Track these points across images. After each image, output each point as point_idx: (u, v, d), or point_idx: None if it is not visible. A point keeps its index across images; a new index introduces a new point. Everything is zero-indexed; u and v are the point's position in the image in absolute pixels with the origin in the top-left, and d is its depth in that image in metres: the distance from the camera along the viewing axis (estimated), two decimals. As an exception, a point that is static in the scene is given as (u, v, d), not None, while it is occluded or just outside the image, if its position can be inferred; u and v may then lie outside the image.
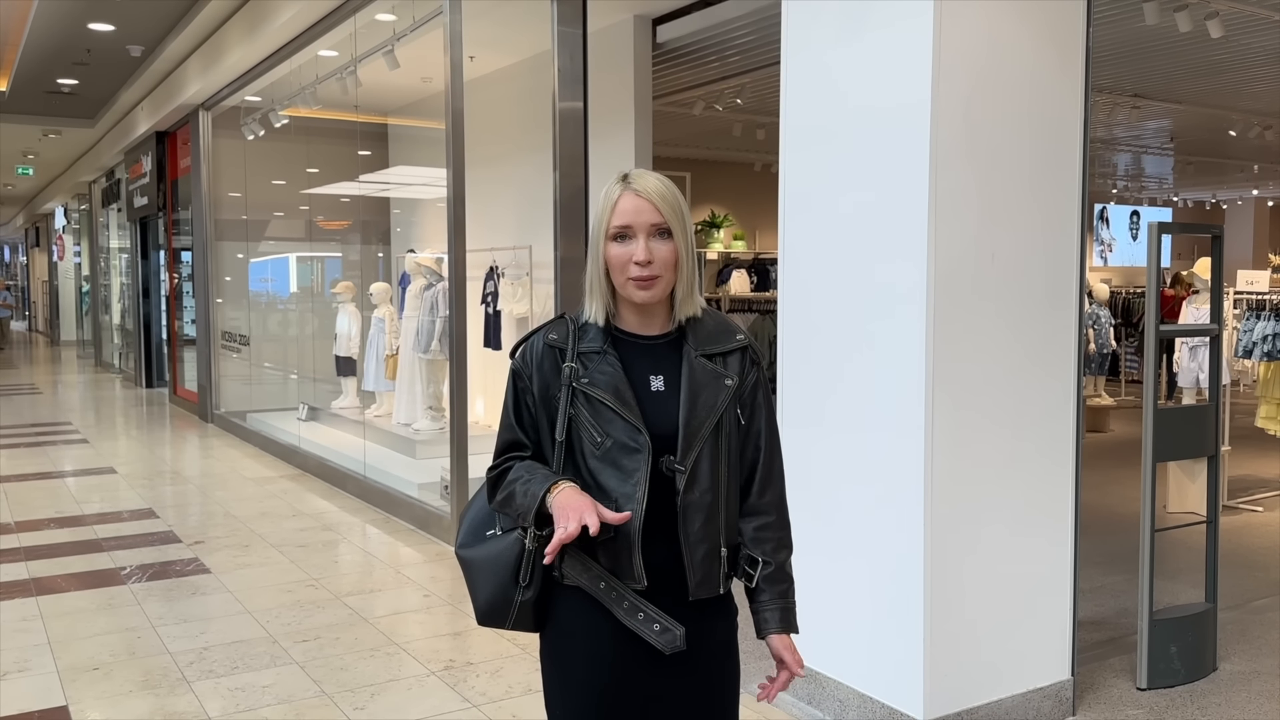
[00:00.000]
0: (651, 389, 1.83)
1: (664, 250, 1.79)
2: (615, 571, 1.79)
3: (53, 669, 4.10)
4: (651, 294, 1.80)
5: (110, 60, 10.36)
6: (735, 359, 1.88)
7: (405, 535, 6.27)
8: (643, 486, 1.76)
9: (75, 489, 7.65)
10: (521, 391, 1.87)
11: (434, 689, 3.89)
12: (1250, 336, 6.76)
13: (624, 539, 1.76)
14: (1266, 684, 3.91)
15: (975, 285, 3.32)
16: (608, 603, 1.79)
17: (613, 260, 1.80)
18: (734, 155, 11.76)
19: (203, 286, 11.40)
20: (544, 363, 1.84)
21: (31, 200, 24.95)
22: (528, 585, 1.84)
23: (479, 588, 1.89)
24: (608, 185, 1.84)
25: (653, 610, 1.78)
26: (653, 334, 1.87)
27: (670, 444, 1.79)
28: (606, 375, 1.80)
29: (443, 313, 7.41)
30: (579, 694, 1.85)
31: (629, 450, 1.77)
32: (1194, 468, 6.05)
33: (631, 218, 1.78)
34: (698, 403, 1.82)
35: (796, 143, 3.67)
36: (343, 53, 7.67)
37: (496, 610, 1.87)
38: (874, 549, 3.41)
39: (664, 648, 1.77)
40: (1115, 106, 8.76)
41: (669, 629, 1.77)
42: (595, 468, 1.79)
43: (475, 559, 1.90)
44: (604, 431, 1.79)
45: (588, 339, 1.84)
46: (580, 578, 1.80)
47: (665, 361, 1.86)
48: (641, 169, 1.86)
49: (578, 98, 5.20)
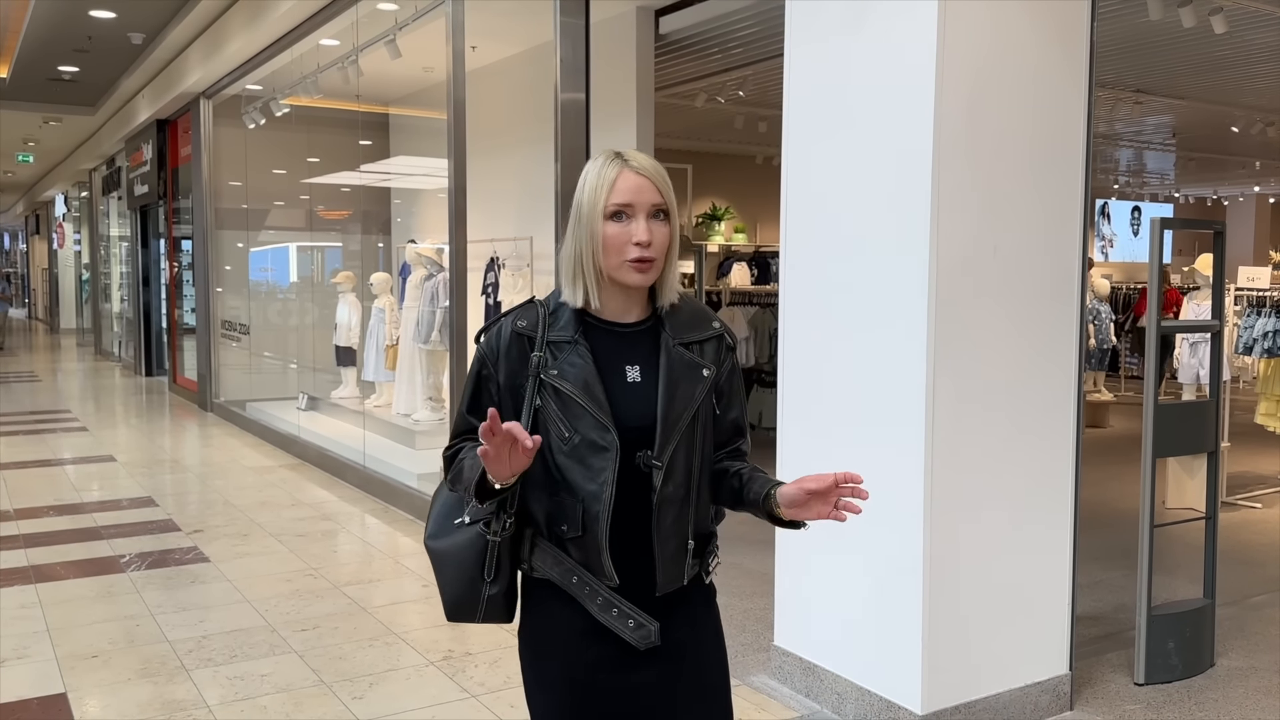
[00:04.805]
0: (627, 380, 1.75)
1: (662, 233, 1.72)
2: (587, 567, 1.73)
3: (51, 656, 4.10)
4: (647, 277, 1.72)
5: (111, 48, 10.33)
6: (711, 346, 1.82)
7: (404, 525, 6.27)
8: (610, 487, 1.69)
9: (75, 477, 7.65)
10: (485, 379, 1.78)
11: (432, 679, 3.90)
12: (1250, 333, 6.75)
13: (592, 538, 1.71)
14: (1264, 680, 3.92)
15: (977, 280, 3.31)
16: (581, 598, 1.74)
17: (610, 240, 1.70)
18: (736, 148, 11.73)
19: (203, 275, 11.39)
20: (511, 350, 1.76)
21: (32, 188, 24.92)
22: (493, 580, 1.78)
23: (446, 582, 1.83)
24: (597, 163, 1.74)
25: (627, 606, 1.73)
26: (630, 321, 1.79)
27: (645, 436, 1.72)
28: (576, 368, 1.72)
29: (443, 303, 7.41)
30: (558, 689, 1.80)
31: (596, 448, 1.70)
32: (1193, 463, 6.06)
33: (633, 196, 1.70)
34: (676, 394, 1.75)
35: (799, 136, 3.66)
36: (344, 42, 7.65)
37: (463, 606, 1.82)
38: (873, 542, 3.41)
39: (638, 644, 1.73)
40: (1118, 102, 8.74)
41: (643, 624, 1.73)
42: (563, 464, 1.72)
43: (443, 552, 1.83)
44: (571, 427, 1.71)
45: (558, 326, 1.75)
46: (551, 572, 1.75)
47: (641, 350, 1.78)
48: (629, 149, 1.78)
49: (580, 89, 5.19)
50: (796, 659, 3.74)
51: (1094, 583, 4.96)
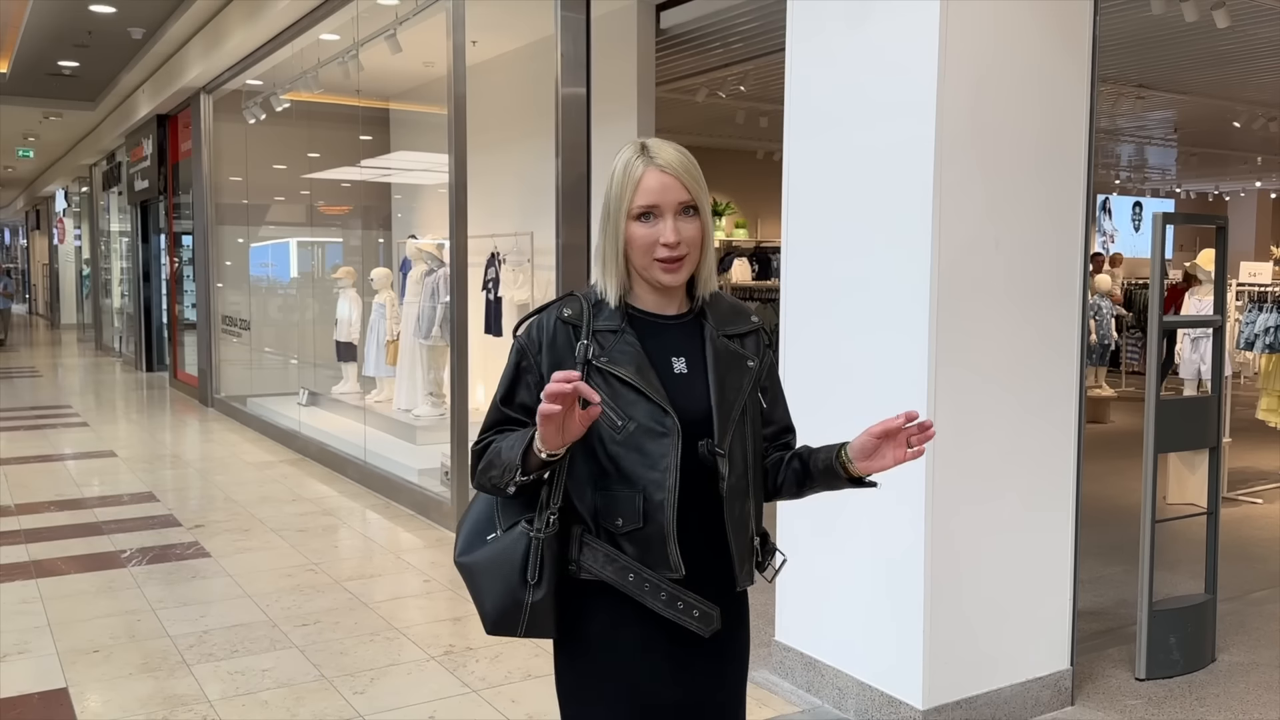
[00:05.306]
0: (674, 370, 1.71)
1: (691, 229, 1.67)
2: (645, 562, 1.66)
3: (52, 651, 4.10)
4: (678, 277, 1.69)
5: (111, 42, 10.32)
6: (751, 340, 1.80)
7: (405, 520, 6.27)
8: (674, 474, 1.64)
9: (75, 472, 7.65)
10: (524, 370, 1.71)
11: (434, 674, 3.90)
12: (1252, 329, 6.75)
13: (654, 528, 1.64)
14: (1265, 675, 3.92)
15: (979, 275, 3.31)
16: (640, 595, 1.66)
17: (636, 242, 1.67)
18: (736, 143, 11.71)
19: (203, 270, 11.38)
20: (556, 340, 1.69)
21: (32, 183, 24.90)
22: (537, 583, 1.67)
23: (485, 593, 1.72)
24: (624, 157, 1.69)
25: (691, 597, 1.67)
26: (670, 314, 1.75)
27: (698, 428, 1.68)
28: (627, 354, 1.67)
29: (444, 298, 7.40)
30: (608, 699, 1.73)
31: (654, 434, 1.65)
32: (1194, 459, 6.05)
33: (657, 197, 1.66)
34: (726, 384, 1.72)
35: (801, 130, 3.65)
36: (345, 36, 7.64)
37: (507, 614, 1.70)
38: (875, 537, 3.41)
39: (703, 630, 1.68)
40: (1119, 97, 8.73)
41: (706, 611, 1.68)
42: (616, 453, 1.65)
43: (477, 563, 1.73)
44: (625, 414, 1.65)
45: (603, 317, 1.70)
46: (604, 570, 1.67)
47: (686, 342, 1.74)
48: (658, 139, 1.72)
49: (580, 83, 5.18)
50: (798, 654, 3.74)
51: (1095, 578, 4.96)
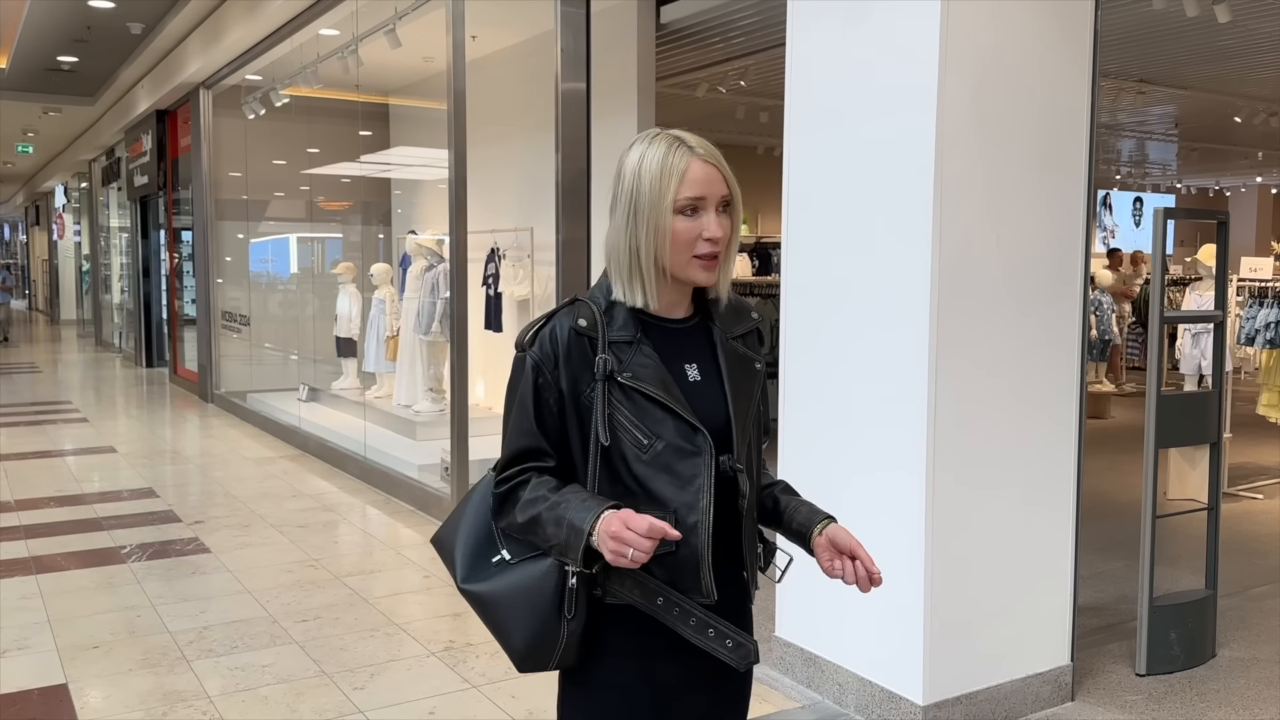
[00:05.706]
0: (689, 379, 1.62)
1: (728, 226, 1.59)
2: (676, 586, 1.57)
3: (52, 647, 4.10)
4: (713, 274, 1.60)
5: (110, 37, 10.31)
6: (753, 339, 1.72)
7: (405, 516, 6.27)
8: (707, 495, 1.55)
9: (75, 468, 7.65)
10: (542, 388, 1.58)
11: (434, 669, 3.90)
12: (1253, 324, 6.74)
13: (688, 551, 1.55)
14: (1265, 671, 3.92)
15: (980, 270, 3.30)
16: (669, 620, 1.57)
17: (680, 236, 1.55)
18: (737, 138, 11.69)
19: (203, 266, 11.38)
20: (572, 353, 1.57)
21: (31, 178, 24.89)
22: (573, 616, 1.56)
23: (514, 627, 1.59)
24: (658, 149, 1.57)
25: (724, 625, 1.59)
26: (679, 317, 1.65)
27: (717, 438, 1.59)
28: (648, 368, 1.57)
29: (444, 294, 7.39)
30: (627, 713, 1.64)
31: (684, 453, 1.56)
32: (1195, 454, 6.05)
33: (705, 189, 1.56)
34: (740, 392, 1.64)
35: (801, 126, 3.65)
36: (344, 31, 7.62)
37: (541, 650, 1.58)
38: (875, 533, 3.38)
39: (738, 664, 1.60)
40: (1120, 92, 8.71)
41: (742, 644, 1.60)
42: (643, 474, 1.56)
43: (496, 595, 1.60)
44: (651, 433, 1.56)
45: (616, 326, 1.59)
46: (631, 594, 1.58)
47: (695, 348, 1.65)
48: (683, 130, 1.62)
49: (580, 79, 5.16)
50: (798, 650, 3.74)
51: (1095, 574, 4.96)
